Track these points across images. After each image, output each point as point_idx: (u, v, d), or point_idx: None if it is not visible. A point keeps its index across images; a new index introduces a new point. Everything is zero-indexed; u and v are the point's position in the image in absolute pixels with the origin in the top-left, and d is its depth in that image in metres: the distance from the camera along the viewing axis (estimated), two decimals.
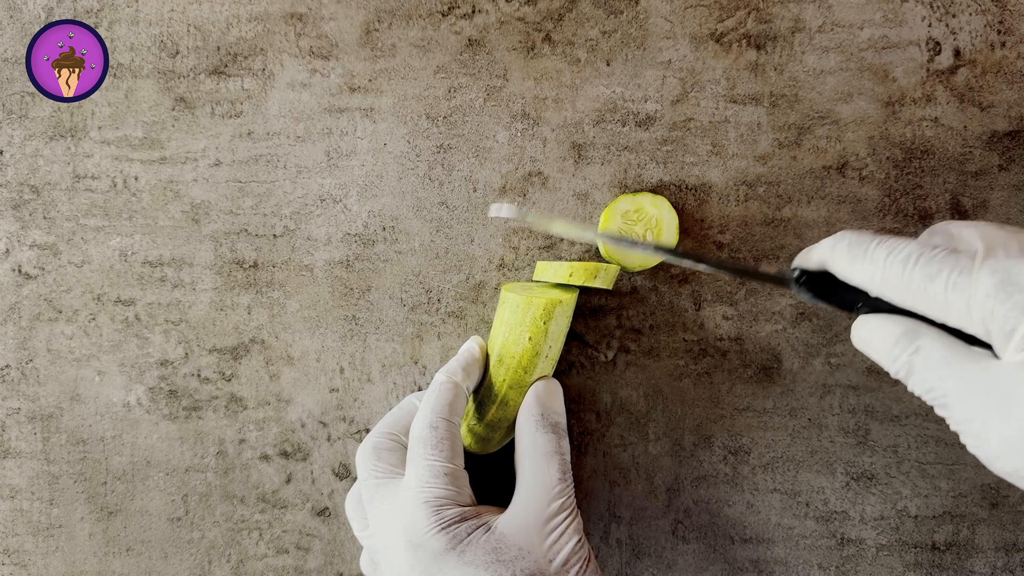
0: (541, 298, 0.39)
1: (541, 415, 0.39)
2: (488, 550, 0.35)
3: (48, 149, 0.44)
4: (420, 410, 0.39)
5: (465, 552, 0.35)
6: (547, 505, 0.36)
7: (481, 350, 0.41)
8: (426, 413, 0.38)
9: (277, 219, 0.44)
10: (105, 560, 0.45)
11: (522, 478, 0.38)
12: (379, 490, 0.38)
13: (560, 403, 0.40)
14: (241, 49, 0.44)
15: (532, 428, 0.38)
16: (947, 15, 0.43)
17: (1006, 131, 0.43)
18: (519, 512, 0.36)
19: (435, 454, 0.37)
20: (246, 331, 0.44)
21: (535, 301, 0.39)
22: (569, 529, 0.36)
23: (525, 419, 0.39)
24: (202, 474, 0.45)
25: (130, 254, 0.44)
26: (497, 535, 0.36)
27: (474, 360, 0.40)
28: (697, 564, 0.44)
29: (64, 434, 0.45)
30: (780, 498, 0.44)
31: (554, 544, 0.36)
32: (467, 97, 0.44)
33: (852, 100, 0.43)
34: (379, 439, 0.40)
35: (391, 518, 0.37)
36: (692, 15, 0.43)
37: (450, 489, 0.36)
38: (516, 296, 0.40)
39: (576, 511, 0.37)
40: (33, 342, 0.45)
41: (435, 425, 0.37)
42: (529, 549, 0.35)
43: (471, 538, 0.35)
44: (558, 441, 0.38)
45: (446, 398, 0.38)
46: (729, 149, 0.43)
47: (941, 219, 0.43)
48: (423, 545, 0.35)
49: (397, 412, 0.41)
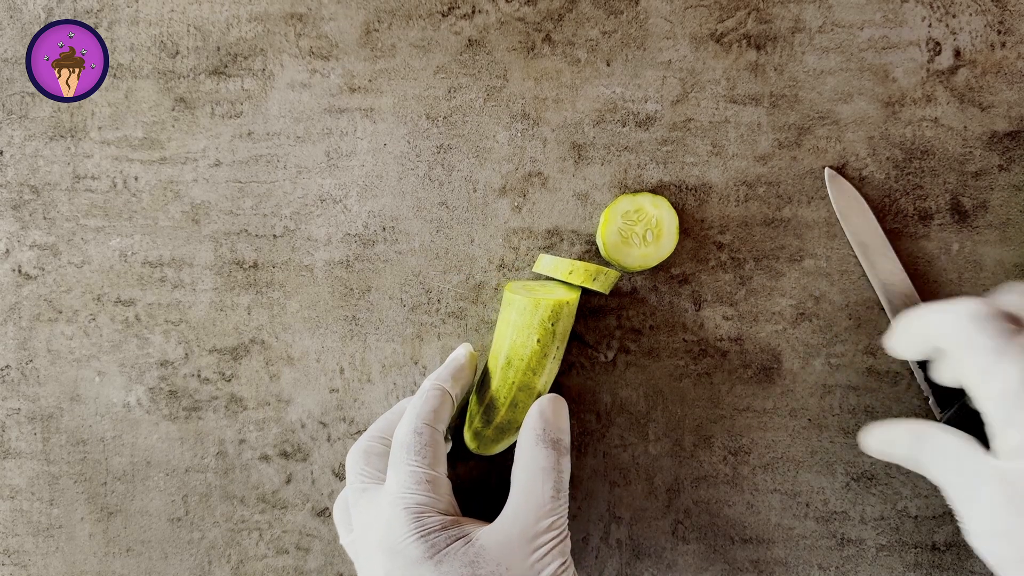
0: (548, 300, 0.39)
1: (543, 430, 0.37)
2: (465, 562, 0.34)
3: (48, 149, 0.44)
4: (405, 415, 0.38)
5: (442, 562, 0.34)
6: (535, 522, 0.35)
7: (470, 358, 0.41)
8: (411, 418, 0.37)
9: (277, 219, 0.44)
10: (105, 560, 0.45)
11: (514, 492, 0.37)
12: (364, 495, 0.37)
13: (565, 420, 0.38)
14: (241, 49, 0.44)
15: (532, 442, 0.37)
16: (947, 15, 0.43)
17: (1006, 131, 0.43)
18: (504, 527, 0.35)
19: (418, 460, 0.36)
20: (246, 331, 0.44)
21: (542, 303, 0.39)
22: (554, 551, 0.35)
23: (526, 433, 0.38)
24: (202, 474, 0.45)
25: (130, 254, 0.44)
26: (477, 547, 0.34)
27: (462, 368, 0.40)
28: (697, 564, 0.44)
29: (64, 434, 0.45)
30: (780, 498, 0.44)
31: (536, 563, 0.34)
32: (467, 97, 0.44)
33: (852, 100, 0.43)
34: (370, 443, 0.39)
35: (372, 523, 0.36)
36: (692, 15, 0.43)
37: (431, 496, 0.36)
38: (522, 298, 0.39)
39: (566, 533, 0.36)
40: (33, 342, 0.45)
41: (419, 431, 0.37)
42: (508, 566, 0.34)
43: (450, 548, 0.34)
44: (557, 458, 0.37)
45: (432, 404, 0.38)
46: (729, 149, 0.43)
47: (941, 219, 0.43)
48: (400, 552, 0.34)
49: (390, 416, 0.40)
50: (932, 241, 0.43)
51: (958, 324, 0.32)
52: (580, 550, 0.44)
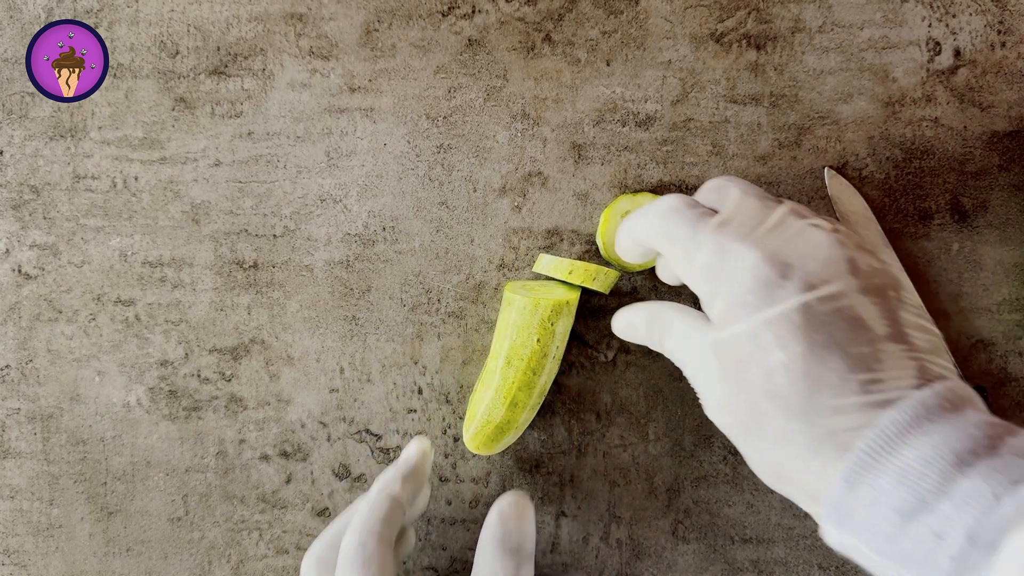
0: (548, 299, 0.39)
1: (502, 537, 0.35)
2: None
3: (48, 149, 0.44)
4: (353, 522, 0.36)
5: None
6: None
7: (422, 456, 0.39)
8: (356, 529, 0.36)
9: (277, 219, 0.44)
10: (105, 560, 0.45)
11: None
12: None
13: (528, 524, 0.36)
14: (241, 49, 0.44)
15: (490, 550, 0.35)
16: (947, 15, 0.43)
17: (1006, 131, 0.43)
18: None
19: (362, 573, 0.35)
20: (246, 331, 0.44)
21: (542, 303, 0.39)
22: None
23: (485, 537, 0.36)
24: (202, 474, 0.45)
25: (130, 254, 0.44)
26: None
27: (412, 469, 0.38)
28: (697, 564, 0.44)
29: (64, 434, 0.45)
30: (780, 498, 0.44)
31: None
32: (467, 97, 0.44)
33: (852, 100, 0.43)
34: (322, 550, 0.37)
35: None
36: (692, 15, 0.43)
37: None
38: (522, 298, 0.39)
39: None
40: (33, 342, 0.45)
41: (363, 543, 0.35)
42: None
43: None
44: (517, 567, 0.35)
45: (379, 513, 0.36)
46: (729, 149, 0.43)
47: (941, 219, 0.43)
48: None
49: (343, 518, 0.39)
50: (932, 241, 0.43)
51: (657, 221, 0.34)
52: (580, 550, 0.44)
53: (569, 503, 0.44)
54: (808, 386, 0.28)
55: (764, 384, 0.29)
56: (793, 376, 0.28)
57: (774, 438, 0.29)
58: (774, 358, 0.28)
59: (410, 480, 0.38)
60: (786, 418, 0.28)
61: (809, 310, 0.28)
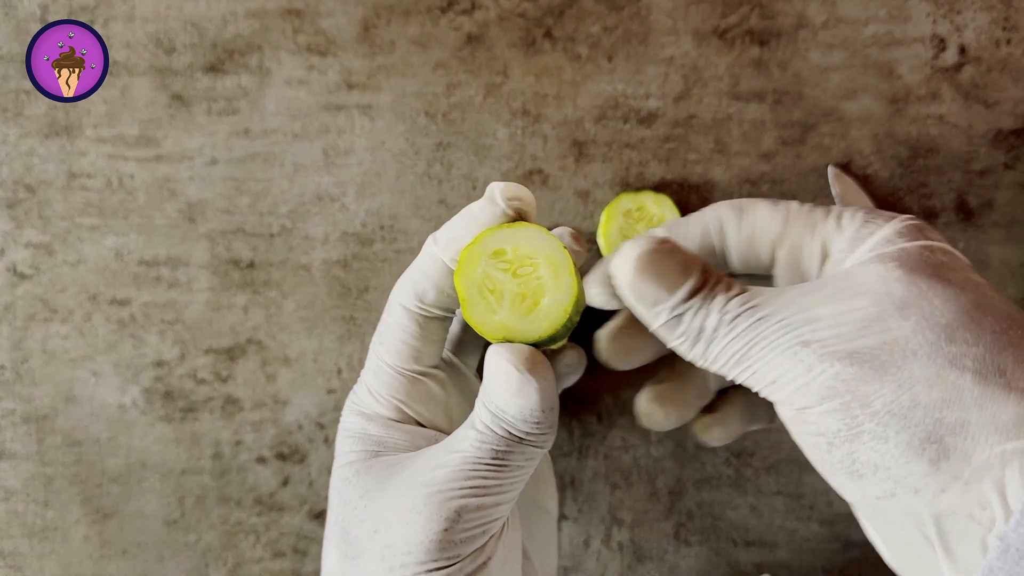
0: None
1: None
2: None
3: (43, 147, 0.44)
4: None
5: None
6: None
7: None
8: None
9: (274, 218, 0.44)
10: (100, 563, 0.45)
11: None
12: None
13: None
14: (238, 46, 0.43)
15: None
16: (952, 12, 0.43)
17: (1012, 129, 0.43)
18: None
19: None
20: (242, 331, 0.44)
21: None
22: None
23: None
24: (198, 476, 0.44)
25: (125, 253, 0.44)
26: None
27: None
28: (700, 568, 0.44)
29: (59, 435, 0.44)
30: (784, 501, 0.44)
31: None
32: (466, 94, 0.43)
33: (856, 97, 0.43)
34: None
35: None
36: (695, 11, 0.43)
37: None
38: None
39: None
40: (28, 342, 0.44)
41: None
42: None
43: None
44: None
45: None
46: (732, 147, 0.43)
47: (946, 217, 0.43)
48: None
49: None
50: None
51: (620, 291, 0.29)
52: (581, 553, 0.44)
53: (570, 506, 0.44)
54: None
55: None
56: None
57: None
58: None
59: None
60: None
61: None
